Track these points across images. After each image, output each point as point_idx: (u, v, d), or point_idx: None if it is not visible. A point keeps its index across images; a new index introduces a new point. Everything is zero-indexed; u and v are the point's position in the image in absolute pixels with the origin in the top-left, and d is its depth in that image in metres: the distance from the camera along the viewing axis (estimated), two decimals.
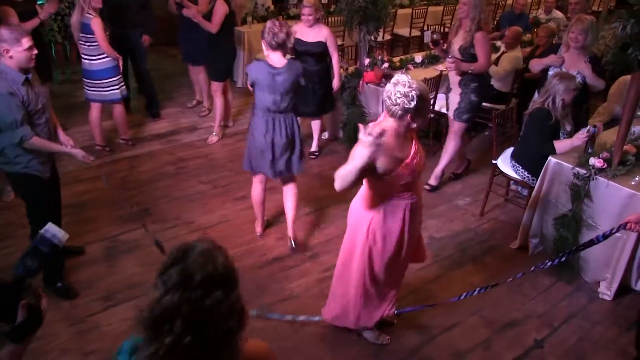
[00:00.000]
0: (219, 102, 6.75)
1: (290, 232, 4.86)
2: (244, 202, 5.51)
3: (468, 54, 5.26)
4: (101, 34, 5.66)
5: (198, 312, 1.50)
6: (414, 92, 2.96)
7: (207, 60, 6.84)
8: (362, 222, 3.36)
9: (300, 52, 5.89)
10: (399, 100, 2.98)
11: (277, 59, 4.23)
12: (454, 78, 5.50)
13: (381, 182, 3.16)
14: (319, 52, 5.92)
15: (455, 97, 5.56)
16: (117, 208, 5.27)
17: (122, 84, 6.14)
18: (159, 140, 6.85)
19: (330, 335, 3.94)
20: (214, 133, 6.89)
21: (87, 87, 6.03)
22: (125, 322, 3.97)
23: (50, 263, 4.16)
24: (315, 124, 6.50)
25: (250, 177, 4.88)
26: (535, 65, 5.51)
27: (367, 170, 3.04)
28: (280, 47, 4.19)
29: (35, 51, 3.70)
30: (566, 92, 4.60)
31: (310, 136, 6.59)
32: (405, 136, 3.19)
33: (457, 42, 5.35)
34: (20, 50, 3.58)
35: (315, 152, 6.54)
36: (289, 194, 4.79)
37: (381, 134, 2.84)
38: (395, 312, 3.77)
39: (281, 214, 5.32)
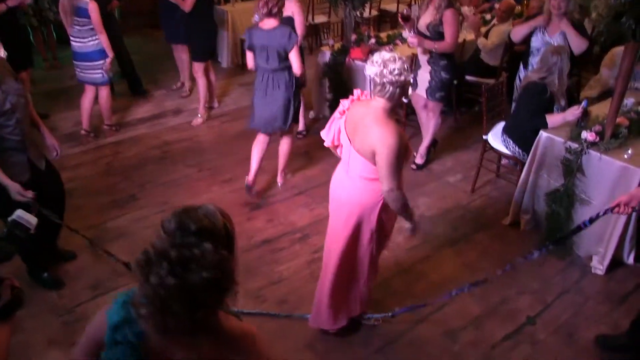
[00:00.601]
0: (201, 83, 6.63)
1: (279, 178, 5.44)
2: (231, 184, 5.44)
3: (436, 32, 5.12)
4: (98, 18, 5.54)
5: (184, 257, 1.56)
6: (405, 64, 2.92)
7: (188, 40, 6.71)
8: (369, 212, 3.23)
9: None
10: (399, 77, 2.90)
11: (270, 24, 4.66)
12: (423, 56, 5.37)
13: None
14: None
15: (425, 74, 5.43)
16: (103, 195, 5.19)
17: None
18: (143, 124, 6.74)
19: None
20: (199, 115, 6.79)
21: (80, 70, 5.89)
22: None
23: (35, 253, 4.10)
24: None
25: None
26: (519, 30, 5.37)
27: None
28: (273, 15, 4.65)
29: None
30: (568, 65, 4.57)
31: None
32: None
33: (425, 18, 5.19)
34: None
35: (302, 131, 6.46)
36: (284, 146, 5.26)
37: None
38: (390, 314, 3.76)
39: (270, 195, 5.27)
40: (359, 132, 3.04)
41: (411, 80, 2.98)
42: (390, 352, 3.66)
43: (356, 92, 3.26)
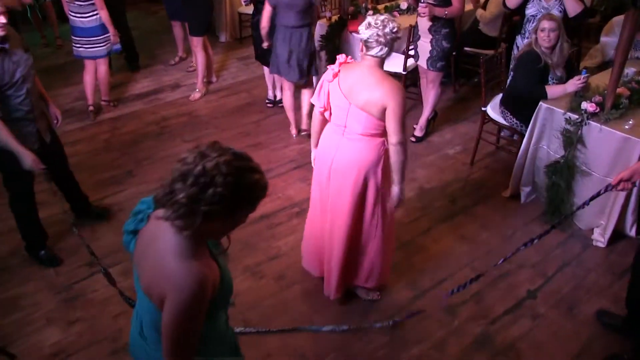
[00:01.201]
0: (200, 57, 6.57)
1: (304, 125, 5.80)
2: None
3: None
4: None
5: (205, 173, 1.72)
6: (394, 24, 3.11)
7: (186, 15, 6.62)
8: (375, 168, 3.31)
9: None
10: (398, 34, 3.12)
11: None
12: (424, 25, 5.28)
13: None
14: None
15: (425, 45, 5.34)
16: (100, 171, 5.16)
17: (109, 41, 5.94)
18: (141, 100, 6.68)
19: (316, 294, 3.89)
20: (197, 90, 6.73)
21: (80, 45, 5.82)
22: (110, 289, 3.87)
23: (30, 231, 4.10)
24: (305, 94, 5.95)
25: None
26: None
27: None
28: None
29: (3, 20, 3.40)
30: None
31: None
32: None
33: None
34: None
35: None
36: (305, 95, 5.66)
37: None
38: (390, 322, 3.69)
39: (267, 170, 5.21)
40: (361, 91, 3.13)
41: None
42: (389, 327, 3.64)
43: (341, 57, 3.30)
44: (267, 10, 5.25)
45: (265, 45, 5.53)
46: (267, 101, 6.51)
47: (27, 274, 4.03)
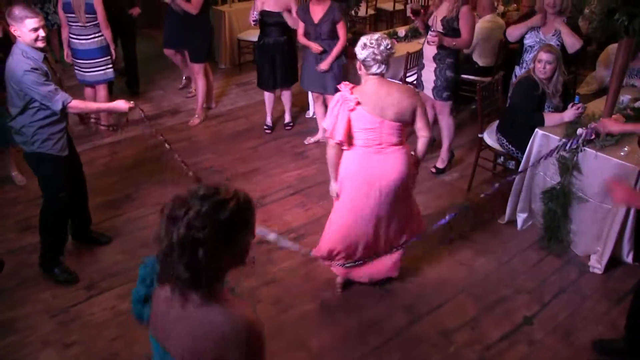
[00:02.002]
0: (200, 84, 6.63)
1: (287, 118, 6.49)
2: (228, 184, 5.40)
3: (450, 28, 5.09)
4: (104, 13, 5.67)
5: (199, 217, 1.69)
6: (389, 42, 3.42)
7: (186, 43, 6.69)
8: (411, 164, 3.74)
9: (269, 23, 5.81)
10: (392, 50, 3.44)
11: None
12: (429, 53, 5.32)
13: None
14: (284, 22, 5.81)
15: (429, 74, 5.38)
16: (99, 195, 5.17)
17: (111, 65, 6.03)
18: (141, 124, 6.69)
19: (313, 317, 3.89)
20: (196, 115, 6.78)
21: (79, 69, 5.93)
22: (108, 311, 3.90)
23: (55, 245, 4.17)
24: (286, 97, 6.41)
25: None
26: (515, 29, 5.34)
27: None
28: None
29: (43, 33, 3.64)
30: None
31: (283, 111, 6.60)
32: None
33: (440, 14, 5.16)
34: (24, 30, 3.57)
35: (289, 123, 6.54)
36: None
37: None
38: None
39: (265, 195, 5.24)
40: (390, 106, 3.45)
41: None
42: (385, 351, 3.63)
43: (344, 85, 3.51)
44: (300, 27, 5.63)
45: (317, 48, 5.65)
46: (265, 127, 6.55)
47: (24, 297, 4.02)
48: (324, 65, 5.59)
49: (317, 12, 5.44)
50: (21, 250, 4.23)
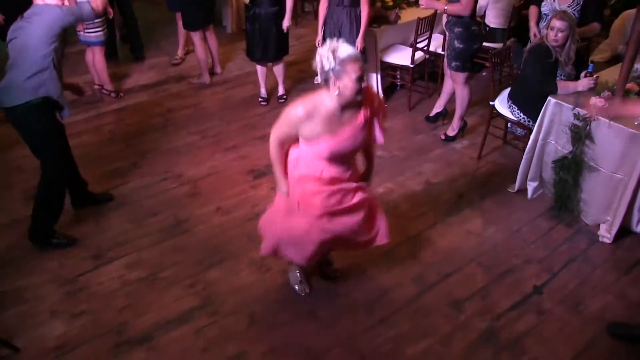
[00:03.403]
0: (198, 48, 6.60)
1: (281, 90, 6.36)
2: (234, 152, 5.39)
3: None
4: None
5: None
6: (331, 54, 2.90)
7: (180, 7, 6.62)
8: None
9: None
10: (319, 63, 2.95)
11: None
12: (443, 21, 5.26)
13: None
14: None
15: (446, 42, 5.33)
16: (105, 163, 5.16)
17: (100, 28, 5.95)
18: (146, 91, 6.66)
19: (320, 286, 3.89)
20: (201, 74, 6.80)
21: (78, 30, 5.90)
22: (115, 281, 3.90)
23: (51, 217, 4.16)
24: (278, 69, 6.30)
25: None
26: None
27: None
28: None
29: None
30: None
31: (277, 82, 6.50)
32: (346, 109, 3.09)
33: None
34: None
35: (283, 95, 6.43)
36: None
37: None
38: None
39: None
40: None
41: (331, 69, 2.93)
42: (395, 322, 3.63)
43: None
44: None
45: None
46: (260, 99, 6.43)
47: (31, 267, 4.02)
48: (360, 42, 5.48)
49: None
50: (28, 219, 4.20)
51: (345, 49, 2.91)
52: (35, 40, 3.72)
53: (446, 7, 5.00)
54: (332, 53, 2.89)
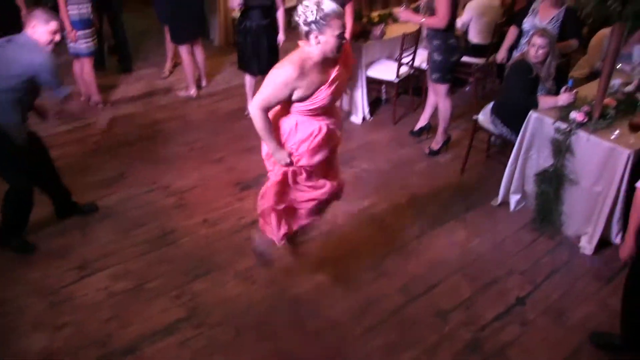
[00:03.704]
0: (185, 60, 6.62)
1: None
2: (221, 164, 5.41)
3: (431, 9, 5.06)
4: None
5: None
6: (315, 6, 2.93)
7: (168, 21, 6.68)
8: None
9: (252, 6, 5.68)
10: (302, 14, 2.98)
11: None
12: (423, 33, 5.36)
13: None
14: (268, 5, 5.74)
15: (426, 54, 5.42)
16: (91, 174, 5.16)
17: (91, 39, 5.96)
18: (134, 102, 6.67)
19: (307, 299, 3.92)
20: (188, 88, 6.83)
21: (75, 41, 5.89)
22: (101, 292, 3.90)
23: (17, 223, 4.18)
24: None
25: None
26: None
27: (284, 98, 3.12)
28: None
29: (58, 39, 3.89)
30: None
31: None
32: (324, 62, 3.13)
33: None
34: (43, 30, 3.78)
35: None
36: None
37: None
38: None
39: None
40: None
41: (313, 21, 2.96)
42: (382, 332, 3.66)
43: None
44: None
45: None
46: (246, 112, 6.35)
47: (13, 278, 3.99)
48: None
49: None
50: None
51: (329, 3, 2.96)
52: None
53: (423, 20, 5.11)
54: (317, 5, 2.93)
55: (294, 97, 3.10)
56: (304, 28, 2.99)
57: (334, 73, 3.14)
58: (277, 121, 3.31)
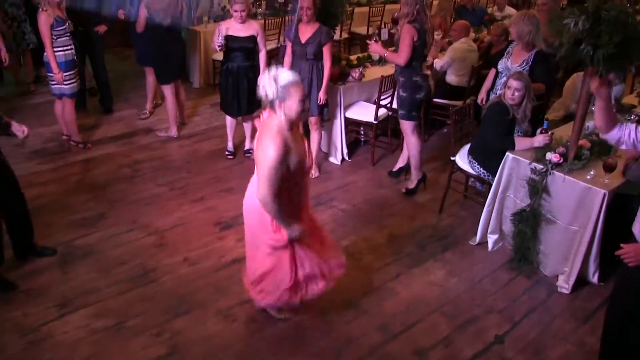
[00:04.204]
0: (168, 100, 6.74)
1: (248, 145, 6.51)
2: (202, 203, 5.43)
3: (397, 45, 5.32)
4: (42, 31, 5.67)
5: None
6: (273, 81, 3.18)
7: (152, 62, 6.80)
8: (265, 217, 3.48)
9: (234, 48, 5.84)
10: (263, 91, 3.22)
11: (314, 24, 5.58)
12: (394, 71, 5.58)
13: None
14: (251, 48, 5.88)
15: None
16: (72, 212, 5.15)
17: (75, 79, 6.03)
18: (114, 142, 6.71)
19: (287, 337, 3.91)
20: (168, 128, 6.92)
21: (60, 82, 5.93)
22: (81, 330, 3.86)
23: None
24: (248, 124, 6.40)
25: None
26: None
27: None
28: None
29: None
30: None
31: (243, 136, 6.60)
32: (292, 129, 3.34)
33: (397, 35, 5.39)
34: None
35: (250, 149, 6.46)
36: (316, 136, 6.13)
37: None
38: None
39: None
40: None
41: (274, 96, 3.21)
42: None
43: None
44: (288, 46, 5.75)
45: None
46: (227, 152, 6.50)
47: None
48: (322, 95, 5.67)
49: (306, 33, 5.52)
50: None
51: (285, 75, 3.20)
52: None
53: (386, 55, 5.36)
54: (274, 80, 3.16)
55: (291, 168, 3.30)
56: (268, 101, 3.23)
57: (306, 142, 3.47)
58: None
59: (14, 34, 7.32)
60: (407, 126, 5.59)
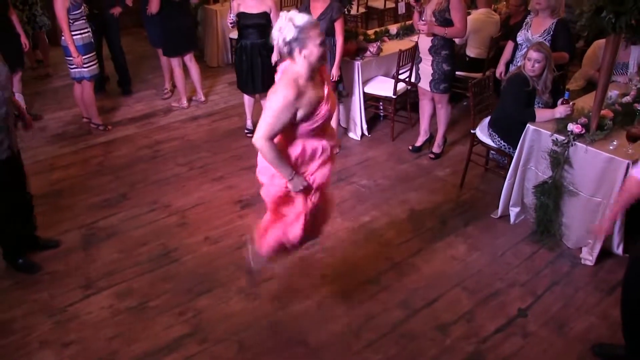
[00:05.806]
0: (176, 74, 6.93)
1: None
2: (222, 182, 5.45)
3: (442, 19, 5.17)
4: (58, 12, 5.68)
5: None
6: (290, 23, 2.97)
7: (162, 36, 6.86)
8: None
9: (247, 25, 5.80)
10: (279, 37, 3.01)
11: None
12: (425, 46, 5.42)
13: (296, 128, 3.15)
14: (264, 24, 5.79)
15: (426, 67, 5.49)
16: (93, 194, 5.20)
17: (94, 62, 6.07)
18: (134, 123, 6.74)
19: (310, 315, 3.93)
20: (180, 98, 7.14)
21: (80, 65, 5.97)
22: (105, 310, 3.92)
23: (6, 239, 4.18)
24: (265, 102, 6.31)
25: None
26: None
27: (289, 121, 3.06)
28: None
29: None
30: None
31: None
32: (314, 77, 3.12)
33: (430, 7, 5.25)
34: None
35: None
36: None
37: None
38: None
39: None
40: None
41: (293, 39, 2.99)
42: (382, 346, 3.67)
43: None
44: None
45: None
46: (246, 131, 6.51)
47: (20, 297, 4.03)
48: (336, 71, 5.62)
49: (317, 9, 5.45)
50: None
51: (301, 17, 2.98)
52: None
53: (446, 32, 5.21)
54: (292, 23, 2.96)
55: (298, 117, 3.06)
56: (286, 48, 3.02)
57: (326, 89, 3.16)
58: (285, 152, 3.25)
59: (27, 18, 7.34)
60: (445, 98, 5.69)
